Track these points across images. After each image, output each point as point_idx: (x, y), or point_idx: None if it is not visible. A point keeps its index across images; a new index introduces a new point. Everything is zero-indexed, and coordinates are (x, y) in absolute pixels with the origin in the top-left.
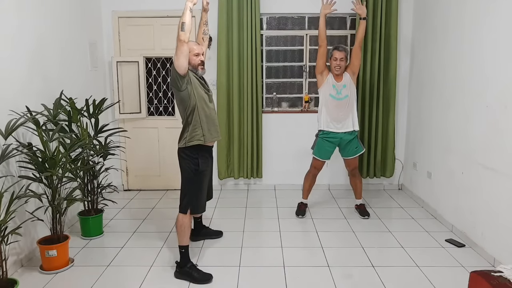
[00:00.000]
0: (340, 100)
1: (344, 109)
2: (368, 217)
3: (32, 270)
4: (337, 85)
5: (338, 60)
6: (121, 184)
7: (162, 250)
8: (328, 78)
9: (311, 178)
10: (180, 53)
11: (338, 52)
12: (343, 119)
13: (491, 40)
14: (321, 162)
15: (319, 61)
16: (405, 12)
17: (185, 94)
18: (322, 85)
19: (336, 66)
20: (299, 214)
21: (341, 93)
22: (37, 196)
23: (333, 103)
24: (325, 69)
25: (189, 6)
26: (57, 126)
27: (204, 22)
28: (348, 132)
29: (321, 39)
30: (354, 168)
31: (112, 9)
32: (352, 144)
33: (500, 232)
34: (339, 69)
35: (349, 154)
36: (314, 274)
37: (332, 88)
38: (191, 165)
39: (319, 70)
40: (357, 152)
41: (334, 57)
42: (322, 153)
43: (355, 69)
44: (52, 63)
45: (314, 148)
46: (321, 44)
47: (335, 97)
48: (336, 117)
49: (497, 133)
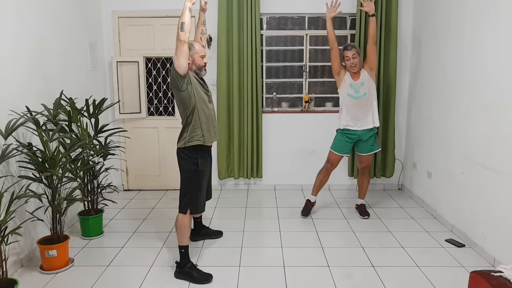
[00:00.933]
0: (358, 99)
1: (363, 107)
2: (368, 217)
3: (32, 270)
4: (354, 84)
5: (351, 58)
6: (121, 184)
7: (162, 250)
8: (345, 77)
9: (324, 173)
10: (180, 53)
11: (348, 51)
12: (363, 118)
13: (492, 40)
14: (336, 156)
15: (334, 63)
16: (405, 12)
17: (185, 95)
18: (340, 86)
19: (351, 65)
20: (303, 214)
21: (359, 92)
22: (37, 196)
23: (352, 102)
24: (341, 70)
25: (188, 6)
26: (57, 126)
27: (202, 22)
28: (368, 129)
29: (331, 42)
30: (365, 167)
31: (112, 9)
32: (369, 141)
33: (500, 232)
34: (355, 67)
35: (363, 151)
36: (314, 274)
37: (350, 87)
38: (191, 165)
39: (335, 72)
40: (372, 150)
41: (346, 56)
42: (338, 146)
43: (372, 65)
44: (52, 63)
45: (333, 144)
46: (332, 47)
47: (354, 96)
48: (356, 116)
49: (497, 133)
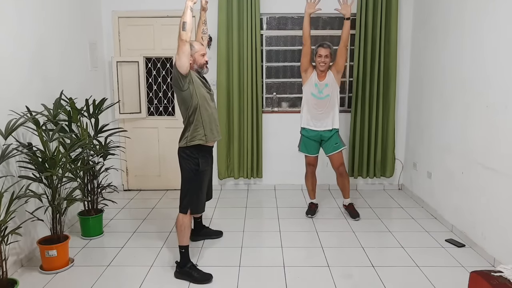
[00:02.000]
0: (321, 99)
1: (324, 108)
2: (359, 218)
3: (32, 270)
4: (319, 84)
5: (322, 57)
6: (121, 184)
7: (162, 250)
8: (312, 76)
9: (310, 177)
10: (182, 53)
11: (323, 49)
12: (322, 118)
13: (491, 40)
14: (311, 158)
15: (303, 59)
16: (405, 12)
17: (187, 94)
18: (305, 83)
19: (320, 63)
20: (308, 214)
21: (323, 92)
22: (37, 196)
23: (313, 102)
24: (309, 67)
25: (190, 5)
26: (57, 126)
27: (203, 22)
28: (327, 130)
29: (305, 38)
30: (339, 166)
31: (112, 9)
32: (331, 140)
33: (500, 232)
34: (324, 66)
35: (329, 150)
36: (314, 274)
37: (314, 86)
38: (192, 165)
39: (303, 68)
40: (337, 148)
41: (319, 54)
42: (308, 148)
43: (339, 68)
44: (52, 63)
45: (300, 145)
46: (305, 43)
47: (316, 96)
48: (316, 116)
49: (497, 133)
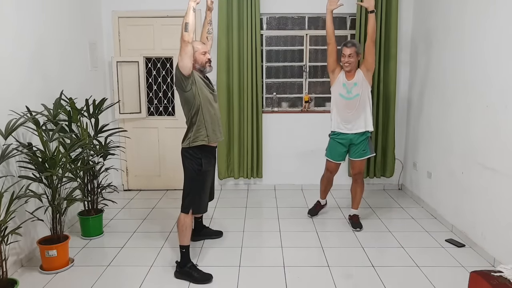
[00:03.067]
0: (349, 99)
1: (354, 109)
2: (360, 229)
3: (32, 270)
4: (347, 83)
5: (346, 56)
6: (121, 184)
7: (162, 250)
8: (340, 76)
9: (326, 182)
10: (184, 54)
11: (347, 48)
12: (353, 120)
13: (492, 39)
14: (334, 164)
15: (329, 59)
16: (405, 11)
17: (189, 95)
18: (333, 84)
19: (345, 63)
20: (310, 213)
21: (351, 92)
22: (37, 196)
23: (342, 103)
24: (337, 67)
25: (192, 6)
26: (57, 126)
27: (208, 21)
28: (359, 133)
29: (329, 37)
30: (358, 173)
31: (112, 9)
32: (360, 145)
33: (500, 232)
34: (349, 66)
35: (355, 156)
36: (314, 274)
37: (342, 87)
38: (195, 165)
39: (330, 69)
40: (364, 155)
41: (343, 53)
42: (333, 154)
43: (369, 66)
44: (52, 63)
45: (327, 148)
46: (329, 42)
47: (345, 96)
48: (346, 118)
49: (497, 133)
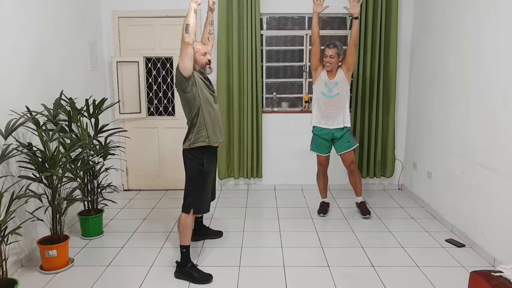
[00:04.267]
0: (330, 98)
1: (335, 107)
2: (369, 216)
3: (32, 270)
4: (329, 82)
5: (328, 57)
6: (121, 184)
7: (162, 250)
8: (322, 75)
9: (322, 176)
10: (185, 55)
11: (329, 49)
12: (333, 116)
13: (492, 39)
14: (323, 157)
15: (313, 58)
16: (405, 11)
17: (190, 96)
18: (315, 82)
19: (326, 63)
20: (320, 213)
21: (332, 91)
22: (37, 196)
23: (324, 101)
24: (319, 66)
25: (194, 7)
26: (57, 126)
27: (210, 22)
28: (339, 129)
29: (314, 38)
30: (350, 164)
31: (112, 9)
32: (343, 139)
33: (500, 232)
34: (330, 65)
35: (341, 149)
36: (314, 274)
37: (324, 85)
38: (196, 165)
39: (313, 67)
40: (350, 147)
41: (325, 54)
42: (319, 148)
43: (349, 66)
44: (52, 63)
45: (311, 144)
46: (314, 43)
47: (326, 94)
48: (326, 114)
49: (497, 133)
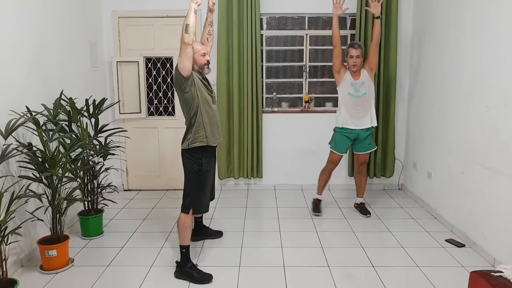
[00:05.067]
0: (358, 98)
1: (363, 106)
2: (369, 215)
3: (32, 270)
4: (355, 83)
5: (354, 57)
6: (121, 184)
7: (162, 250)
8: (346, 76)
9: (327, 174)
10: (184, 56)
11: (354, 50)
12: (361, 117)
13: (491, 39)
14: (338, 156)
15: (335, 61)
16: (405, 11)
17: (188, 96)
18: (340, 84)
19: (353, 64)
20: (316, 212)
21: (359, 91)
22: (37, 196)
23: (351, 101)
24: (342, 68)
25: (194, 7)
26: (57, 126)
27: (209, 23)
28: (365, 129)
29: (335, 40)
30: (362, 163)
31: (112, 9)
32: (366, 140)
33: (500, 232)
34: (356, 66)
35: (361, 150)
36: (314, 274)
37: (350, 86)
38: (195, 165)
39: (336, 70)
40: (369, 149)
41: (350, 55)
42: (339, 147)
43: (372, 66)
44: (52, 63)
45: (332, 142)
46: (336, 44)
47: (354, 95)
48: (355, 115)
49: (497, 133)
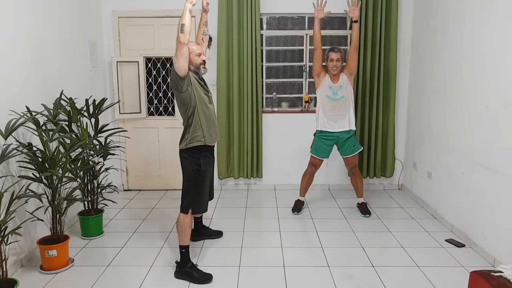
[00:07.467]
0: (336, 101)
1: (340, 109)
2: (369, 215)
3: (32, 270)
4: (333, 86)
5: (334, 61)
6: (121, 184)
7: (162, 250)
8: (325, 79)
9: (308, 176)
10: (180, 55)
11: (334, 53)
12: (339, 119)
13: (491, 39)
14: (318, 160)
15: (315, 64)
16: (405, 11)
17: (185, 96)
18: (319, 87)
19: (332, 67)
20: (294, 211)
21: (337, 94)
22: (37, 196)
23: (329, 104)
24: (322, 71)
25: (189, 7)
26: (57, 126)
27: (204, 23)
28: (345, 131)
29: (316, 43)
30: (353, 167)
31: (112, 9)
32: (349, 142)
33: (500, 232)
34: (336, 69)
35: (347, 153)
36: (314, 274)
37: (329, 89)
38: (193, 165)
39: (316, 72)
40: (355, 151)
41: (330, 58)
42: (318, 151)
43: (351, 70)
44: (52, 63)
45: (312, 146)
46: (316, 48)
47: (332, 98)
48: (333, 117)
49: (497, 133)
